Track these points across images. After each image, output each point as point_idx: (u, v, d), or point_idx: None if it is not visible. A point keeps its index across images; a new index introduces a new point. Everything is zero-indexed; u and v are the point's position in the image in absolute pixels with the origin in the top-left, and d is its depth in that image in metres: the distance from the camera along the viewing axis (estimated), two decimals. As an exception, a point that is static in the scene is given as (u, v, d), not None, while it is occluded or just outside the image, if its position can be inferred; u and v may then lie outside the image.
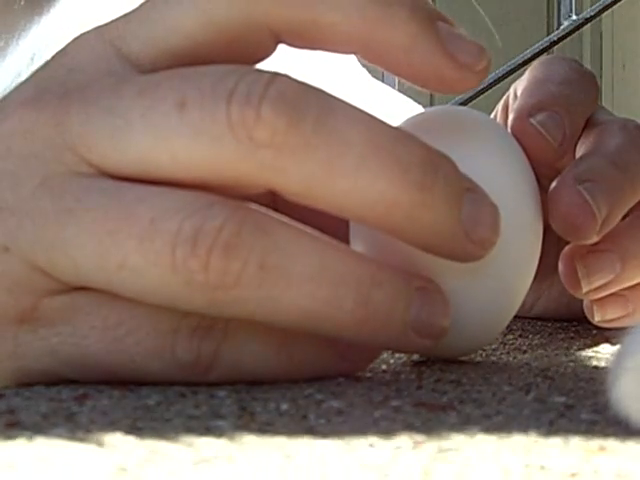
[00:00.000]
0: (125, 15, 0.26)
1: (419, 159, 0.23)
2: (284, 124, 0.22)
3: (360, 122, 0.23)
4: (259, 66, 0.25)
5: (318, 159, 0.22)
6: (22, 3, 0.46)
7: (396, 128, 0.24)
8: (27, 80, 0.26)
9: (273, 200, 0.28)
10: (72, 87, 0.24)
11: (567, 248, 0.35)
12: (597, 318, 0.38)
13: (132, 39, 0.25)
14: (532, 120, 0.32)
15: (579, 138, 0.35)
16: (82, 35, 0.26)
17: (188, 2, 0.25)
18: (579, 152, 0.35)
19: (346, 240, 0.27)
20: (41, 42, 0.46)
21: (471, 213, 0.24)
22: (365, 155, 0.23)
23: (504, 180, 0.28)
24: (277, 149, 0.22)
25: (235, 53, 0.25)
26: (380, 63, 0.26)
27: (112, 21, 0.26)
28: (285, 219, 0.23)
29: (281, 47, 0.26)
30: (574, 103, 0.33)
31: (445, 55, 0.25)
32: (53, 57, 0.26)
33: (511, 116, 0.33)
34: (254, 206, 0.23)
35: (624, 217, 0.34)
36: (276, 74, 0.23)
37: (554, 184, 0.32)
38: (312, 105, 0.22)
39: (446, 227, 0.24)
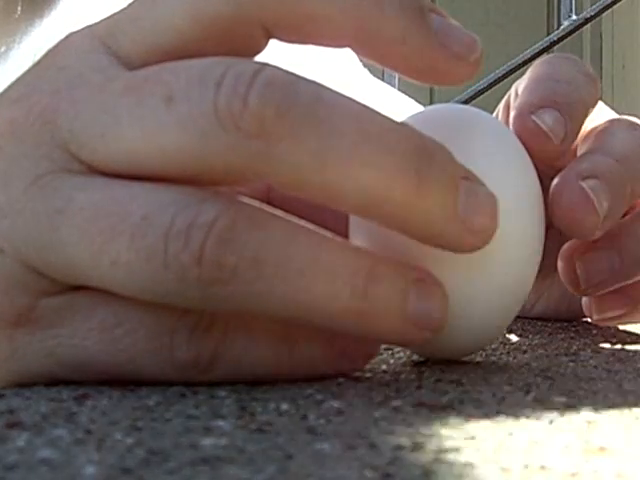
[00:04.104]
0: (115, 13, 0.26)
1: (413, 147, 0.23)
2: (272, 113, 0.22)
3: (351, 110, 0.23)
4: None
5: (308, 148, 0.22)
6: (25, 7, 0.46)
7: (388, 117, 0.23)
8: (18, 79, 0.26)
9: (268, 196, 0.28)
10: (62, 85, 0.24)
11: (566, 245, 0.35)
12: (595, 316, 0.38)
13: (122, 37, 0.25)
14: (533, 117, 0.32)
15: (581, 136, 0.35)
16: (72, 34, 0.26)
17: None
18: (581, 150, 0.35)
19: (344, 236, 0.27)
20: (42, 43, 0.46)
21: (468, 201, 0.24)
22: (356, 143, 0.22)
23: (506, 178, 0.28)
24: (266, 139, 0.22)
25: (225, 49, 0.25)
26: (373, 56, 0.26)
27: (102, 19, 0.26)
28: (279, 213, 0.23)
29: (281, 46, 0.26)
30: (575, 101, 0.33)
31: (437, 46, 0.25)
32: (44, 56, 0.26)
33: (512, 113, 0.33)
34: (247, 200, 0.23)
35: (624, 215, 0.35)
36: (264, 64, 0.23)
37: (556, 180, 0.32)
38: (301, 94, 0.22)
39: (442, 216, 0.24)
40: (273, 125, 0.22)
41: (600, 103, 0.37)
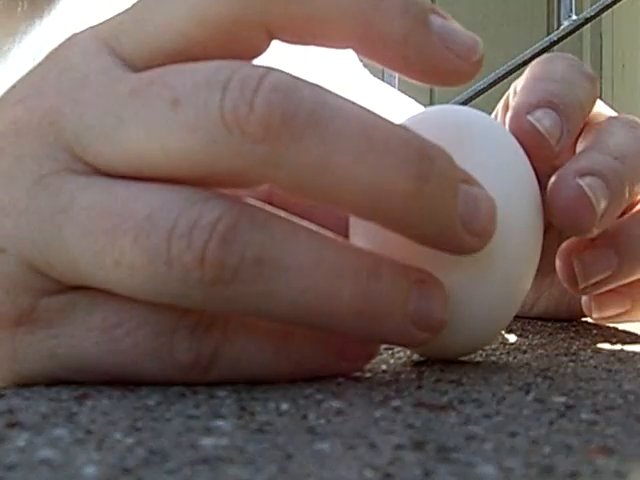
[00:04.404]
0: (119, 14, 0.26)
1: (414, 151, 0.23)
2: (278, 118, 0.22)
3: (354, 115, 0.23)
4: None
5: (312, 153, 0.22)
6: (24, 8, 0.46)
7: (390, 121, 0.24)
8: (21, 80, 0.26)
9: (270, 198, 0.28)
10: (66, 87, 0.24)
11: (565, 244, 0.35)
12: (595, 315, 0.38)
13: (125, 38, 0.25)
14: (529, 117, 0.32)
15: (579, 135, 0.35)
16: (76, 35, 0.26)
17: (181, 0, 0.25)
18: (579, 148, 0.35)
19: (345, 237, 0.27)
20: (42, 43, 0.46)
21: (467, 204, 0.24)
22: (359, 148, 0.23)
23: (504, 179, 0.28)
24: (271, 143, 0.22)
25: (229, 50, 0.25)
26: (375, 58, 0.26)
27: (106, 20, 0.26)
28: (282, 213, 0.23)
29: (281, 47, 0.26)
30: (572, 100, 0.33)
31: (439, 47, 0.25)
32: (47, 57, 0.26)
33: (509, 114, 0.33)
34: (250, 201, 0.23)
35: (623, 213, 0.35)
36: (270, 69, 0.23)
37: (554, 178, 0.32)
38: (306, 98, 0.22)
39: (442, 218, 0.24)
40: (278, 130, 0.22)
41: (599, 102, 0.37)
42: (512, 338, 0.37)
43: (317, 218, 0.25)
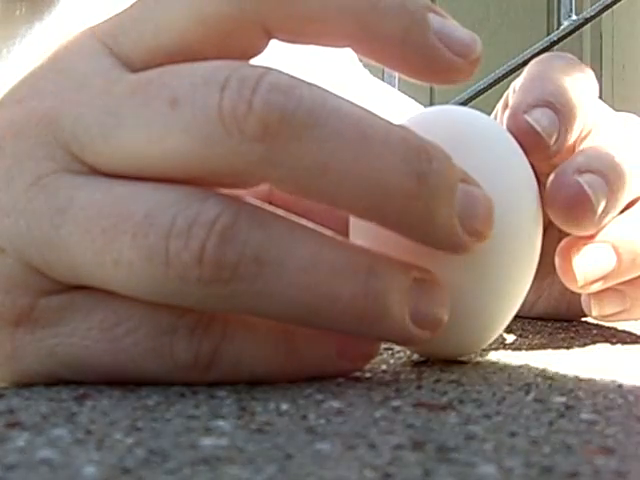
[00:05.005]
0: (117, 14, 0.26)
1: (412, 150, 0.23)
2: (276, 117, 0.22)
3: (353, 115, 0.23)
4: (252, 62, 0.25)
5: (311, 152, 0.22)
6: (23, 10, 0.46)
7: (389, 121, 0.24)
8: (20, 81, 0.26)
9: (270, 197, 0.28)
10: (64, 87, 0.24)
11: (564, 242, 0.35)
12: (594, 313, 0.38)
13: (124, 38, 0.25)
14: (527, 117, 0.32)
15: (578, 133, 0.35)
16: (74, 35, 0.26)
17: (179, 0, 0.25)
18: (578, 146, 0.35)
19: (345, 236, 0.27)
20: (42, 45, 0.46)
21: (465, 204, 0.24)
22: (358, 147, 0.23)
23: (502, 179, 0.28)
24: (269, 143, 0.22)
25: (227, 50, 0.25)
26: (373, 56, 0.26)
27: (104, 21, 0.26)
28: (280, 212, 0.23)
29: (281, 47, 0.26)
30: (570, 99, 0.33)
31: (437, 46, 0.25)
32: (46, 58, 0.26)
33: (506, 113, 0.33)
34: (249, 199, 0.23)
35: (622, 211, 0.35)
36: (268, 69, 0.23)
37: (552, 176, 0.32)
38: (304, 98, 0.22)
39: (440, 217, 0.24)
40: (277, 129, 0.22)
41: (599, 101, 0.37)
42: (512, 338, 0.37)
43: (317, 218, 0.25)
